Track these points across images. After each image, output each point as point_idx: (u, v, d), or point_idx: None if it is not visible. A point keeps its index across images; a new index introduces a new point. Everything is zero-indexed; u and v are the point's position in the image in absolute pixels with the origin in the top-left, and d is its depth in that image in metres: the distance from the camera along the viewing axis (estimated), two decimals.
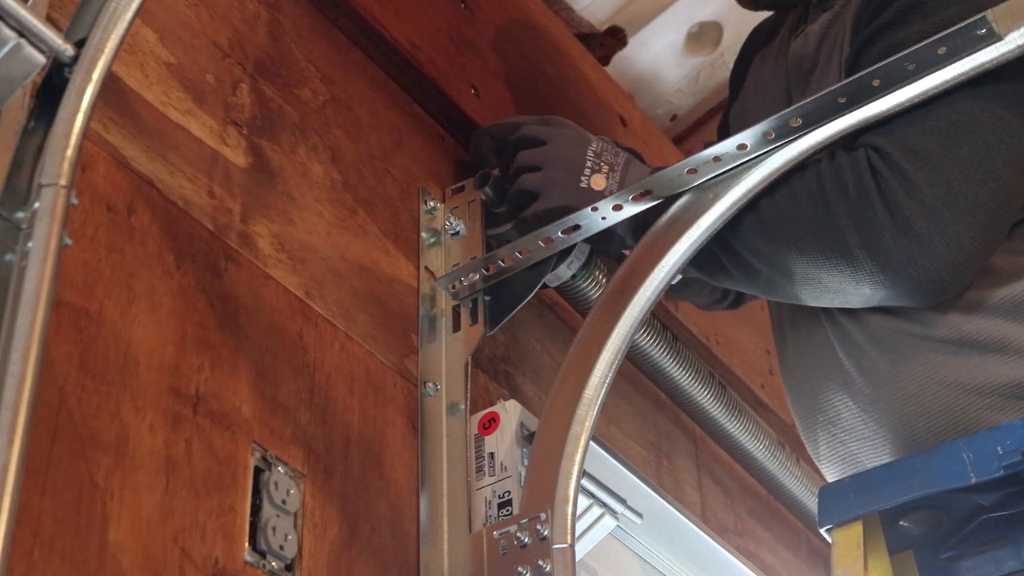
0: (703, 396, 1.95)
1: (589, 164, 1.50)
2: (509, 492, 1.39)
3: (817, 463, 1.54)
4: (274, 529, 1.17)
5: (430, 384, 1.46)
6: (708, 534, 1.98)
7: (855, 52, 1.43)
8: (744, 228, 1.41)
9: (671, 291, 1.77)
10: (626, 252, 1.59)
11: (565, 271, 1.59)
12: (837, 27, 1.51)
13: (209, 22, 1.38)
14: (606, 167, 1.50)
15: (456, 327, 1.51)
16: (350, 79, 1.57)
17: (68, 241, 1.00)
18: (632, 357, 1.85)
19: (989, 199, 1.32)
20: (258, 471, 1.19)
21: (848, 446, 1.46)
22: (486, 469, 1.42)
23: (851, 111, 1.35)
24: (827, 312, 1.47)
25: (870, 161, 1.34)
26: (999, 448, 1.24)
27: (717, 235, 1.41)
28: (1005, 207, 1.34)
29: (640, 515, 1.80)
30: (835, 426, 1.47)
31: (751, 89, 1.69)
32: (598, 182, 1.49)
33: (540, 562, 1.27)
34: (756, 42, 1.76)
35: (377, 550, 1.29)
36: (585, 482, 1.67)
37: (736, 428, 2.02)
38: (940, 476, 1.27)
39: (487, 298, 1.52)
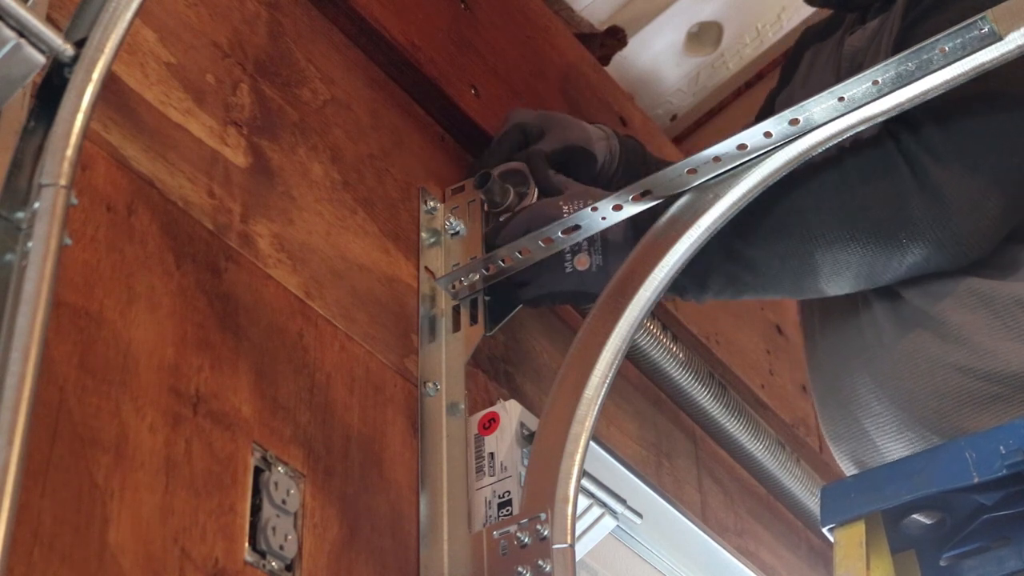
0: (703, 396, 1.95)
1: (568, 249, 1.51)
2: (509, 492, 1.39)
3: (831, 443, 1.56)
4: (274, 529, 1.17)
5: (430, 384, 1.45)
6: (708, 534, 1.98)
7: (903, 30, 1.44)
8: (758, 234, 1.41)
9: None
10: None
11: None
12: (891, 19, 1.52)
13: (209, 22, 1.38)
14: (585, 242, 1.50)
15: (456, 327, 1.51)
16: (350, 79, 1.56)
17: (68, 241, 1.00)
18: (632, 357, 1.85)
19: (1015, 171, 1.36)
20: (258, 471, 1.19)
21: (861, 423, 1.48)
22: (486, 469, 1.41)
23: (851, 111, 1.35)
24: (863, 296, 1.48)
25: (892, 132, 1.36)
26: (1002, 448, 1.24)
27: (720, 251, 1.42)
28: None
29: (640, 515, 1.80)
30: (851, 403, 1.49)
31: (799, 82, 1.70)
32: (582, 261, 1.50)
33: (540, 562, 1.26)
34: (808, 38, 1.77)
35: (377, 550, 1.29)
36: (585, 482, 1.67)
37: (736, 428, 2.02)
38: (942, 475, 1.27)
39: (487, 298, 1.52)
